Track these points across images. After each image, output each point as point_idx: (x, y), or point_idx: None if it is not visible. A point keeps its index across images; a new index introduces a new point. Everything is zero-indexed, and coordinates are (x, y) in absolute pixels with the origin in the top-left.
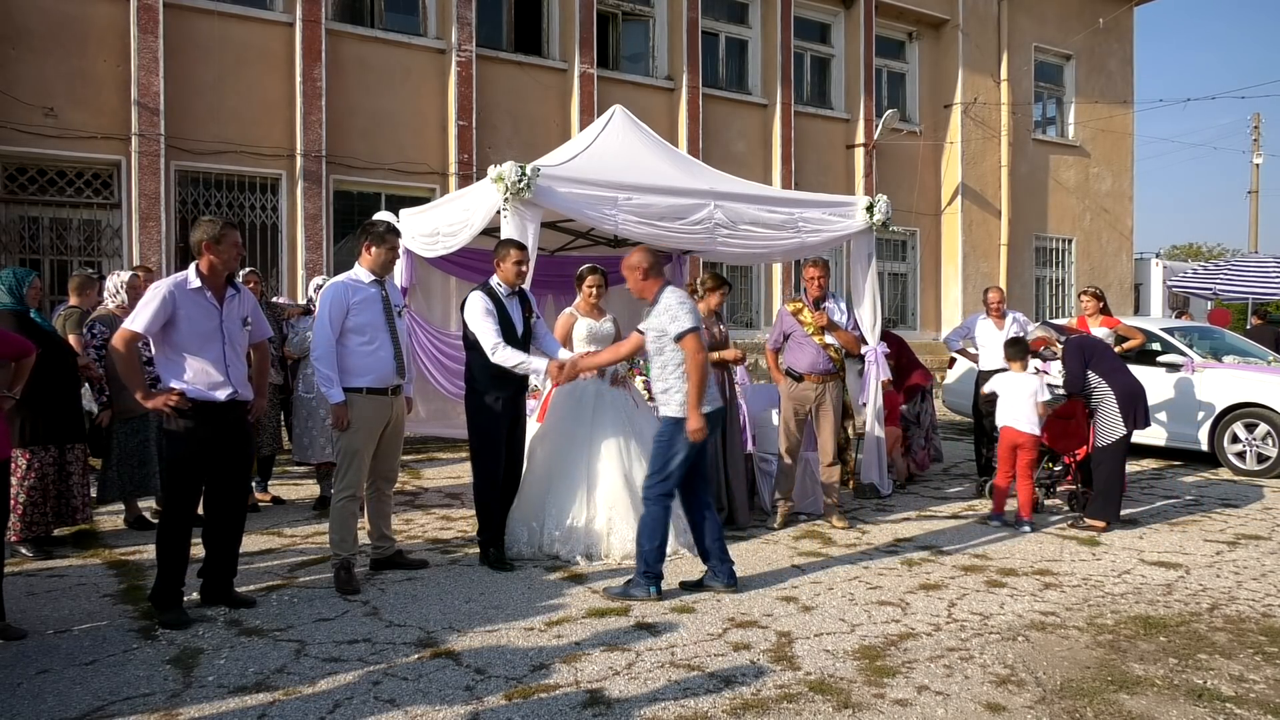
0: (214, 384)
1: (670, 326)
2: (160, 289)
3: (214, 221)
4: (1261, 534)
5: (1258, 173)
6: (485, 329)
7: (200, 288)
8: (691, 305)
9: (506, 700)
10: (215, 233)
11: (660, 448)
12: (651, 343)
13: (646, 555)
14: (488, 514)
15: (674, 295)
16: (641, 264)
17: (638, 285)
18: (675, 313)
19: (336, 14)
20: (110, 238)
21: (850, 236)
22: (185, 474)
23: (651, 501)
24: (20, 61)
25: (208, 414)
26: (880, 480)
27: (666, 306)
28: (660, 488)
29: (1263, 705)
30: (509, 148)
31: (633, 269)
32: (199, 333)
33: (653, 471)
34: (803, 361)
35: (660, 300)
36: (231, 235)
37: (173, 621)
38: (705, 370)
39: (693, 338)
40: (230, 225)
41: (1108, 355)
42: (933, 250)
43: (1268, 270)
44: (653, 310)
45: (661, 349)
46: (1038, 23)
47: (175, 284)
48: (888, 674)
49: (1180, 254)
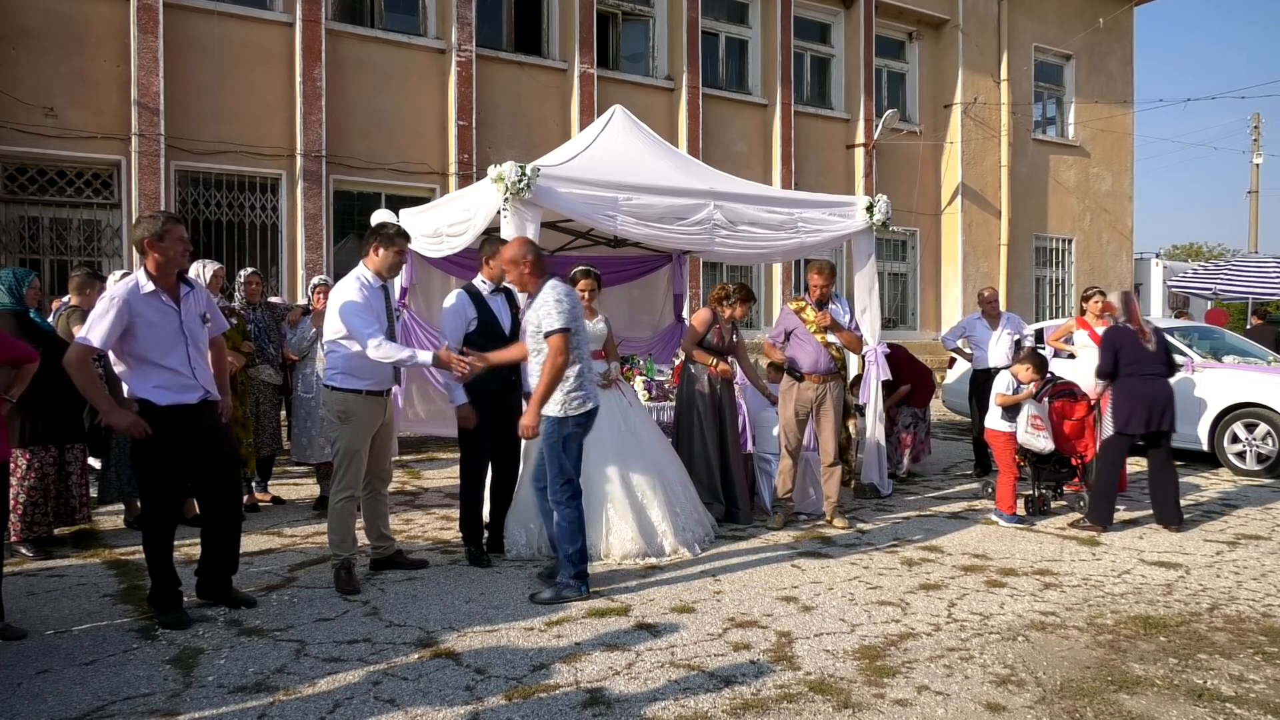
0: (184, 386)
1: (544, 322)
2: (113, 298)
3: (155, 217)
4: (1261, 534)
5: (1258, 173)
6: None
7: (154, 290)
8: (569, 305)
9: (506, 700)
10: (157, 229)
11: (550, 450)
12: (530, 338)
13: (572, 558)
14: (470, 510)
15: (553, 291)
16: (525, 257)
17: (521, 279)
18: (549, 309)
19: (336, 14)
20: (110, 238)
21: (850, 236)
22: (161, 479)
23: (562, 505)
24: (20, 61)
25: (181, 418)
26: (880, 480)
27: (543, 302)
28: (565, 490)
29: (1263, 705)
30: (509, 148)
31: (515, 263)
32: (160, 338)
33: (552, 476)
34: (804, 360)
35: (540, 295)
36: (175, 230)
37: (173, 622)
38: (559, 372)
39: (559, 339)
40: (173, 219)
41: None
42: (932, 250)
43: (1268, 270)
44: (532, 304)
45: (540, 346)
46: (1038, 23)
47: (128, 290)
48: (888, 674)
49: (1180, 254)
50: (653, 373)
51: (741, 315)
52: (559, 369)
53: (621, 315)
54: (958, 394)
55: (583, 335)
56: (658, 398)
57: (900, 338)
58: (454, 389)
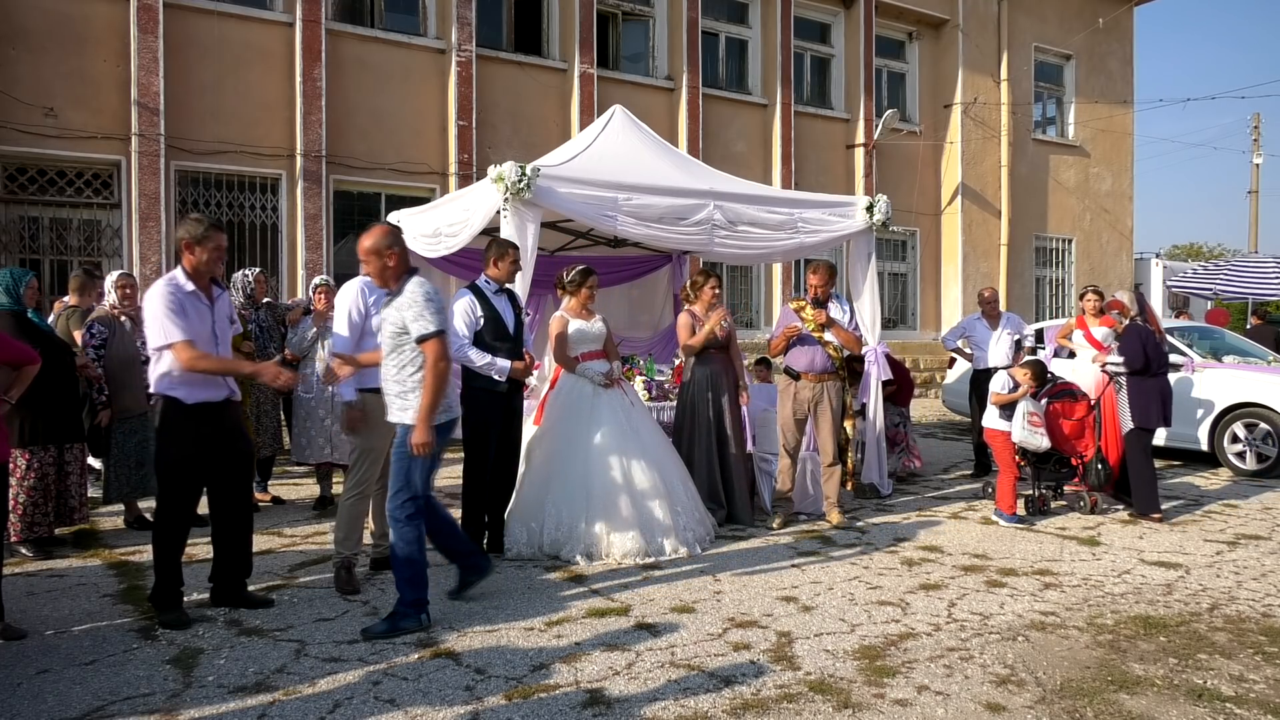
0: (211, 384)
1: (414, 325)
2: (161, 295)
3: (200, 221)
4: (1261, 534)
5: (1258, 173)
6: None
7: (194, 290)
8: (440, 304)
9: (506, 700)
10: (198, 233)
11: (398, 460)
12: (388, 337)
13: (410, 580)
14: (472, 510)
15: (421, 289)
16: (390, 249)
17: (382, 272)
18: (419, 310)
19: (336, 14)
20: (110, 238)
21: (850, 236)
22: (182, 475)
23: (400, 522)
24: (20, 61)
25: (206, 415)
26: (880, 480)
27: (412, 300)
28: (406, 506)
29: (1263, 705)
30: (509, 148)
31: (377, 254)
32: (195, 336)
33: (395, 489)
34: (801, 360)
35: (405, 291)
36: (214, 238)
37: (173, 622)
38: (444, 380)
39: (436, 344)
40: (216, 227)
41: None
42: (932, 250)
43: (1268, 270)
44: (393, 300)
45: (400, 345)
46: (1038, 22)
47: (174, 287)
48: (888, 674)
49: (1180, 254)
50: (653, 373)
51: (713, 296)
52: (443, 375)
53: (621, 315)
54: (958, 394)
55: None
56: (658, 398)
57: (900, 338)
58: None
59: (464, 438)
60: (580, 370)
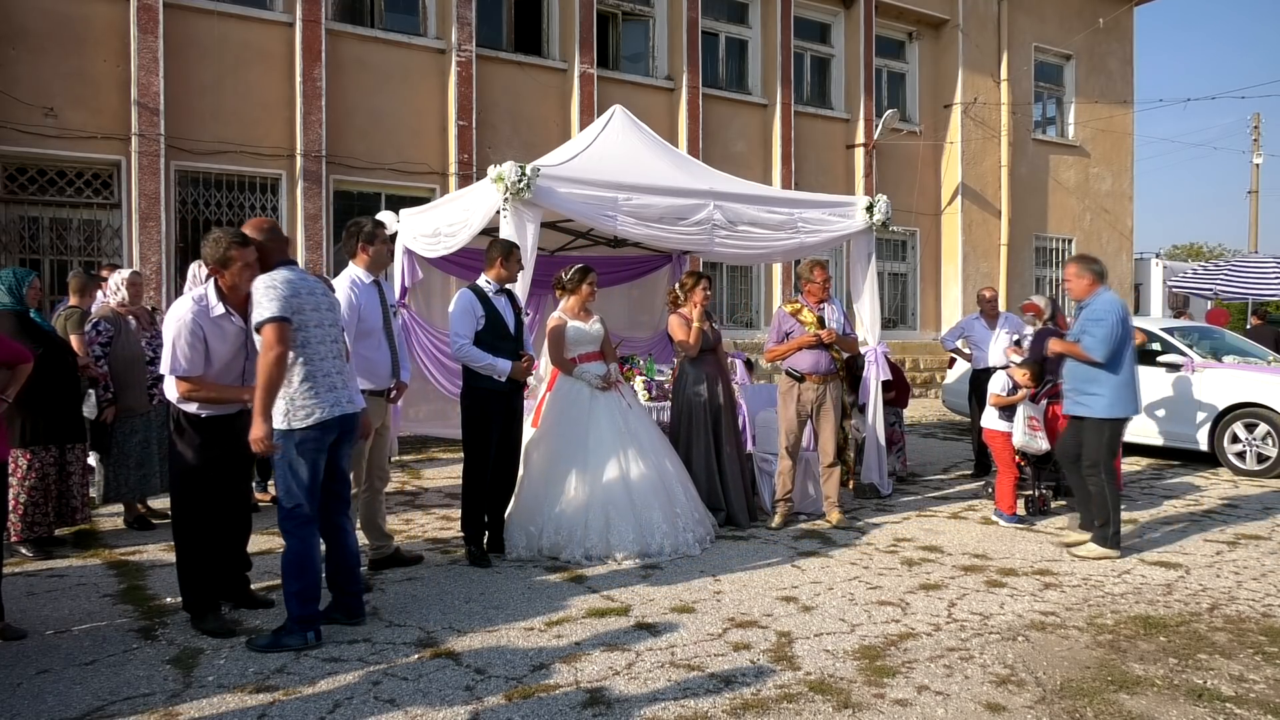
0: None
1: (254, 313)
2: (183, 322)
3: (219, 240)
4: (1261, 534)
5: (1258, 173)
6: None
7: (225, 313)
8: (286, 291)
9: (506, 700)
10: (219, 255)
11: (278, 468)
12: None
13: (298, 595)
14: (472, 510)
15: (262, 279)
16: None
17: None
18: (258, 297)
19: (336, 14)
20: (110, 238)
21: (850, 236)
22: (199, 485)
23: (289, 534)
24: (20, 61)
25: (219, 427)
26: (880, 480)
27: (254, 290)
28: (292, 516)
29: (1263, 705)
30: (509, 148)
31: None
32: (223, 357)
33: (279, 498)
34: (804, 361)
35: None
36: (241, 256)
37: (215, 630)
38: (277, 369)
39: (271, 328)
40: (239, 243)
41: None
42: (932, 250)
43: (1268, 270)
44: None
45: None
46: (1038, 22)
47: (196, 313)
48: (888, 674)
49: (1180, 254)
50: (652, 373)
51: (702, 299)
52: (270, 366)
53: (621, 315)
54: (958, 394)
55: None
56: (657, 398)
57: (900, 338)
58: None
59: (464, 438)
60: (577, 373)
